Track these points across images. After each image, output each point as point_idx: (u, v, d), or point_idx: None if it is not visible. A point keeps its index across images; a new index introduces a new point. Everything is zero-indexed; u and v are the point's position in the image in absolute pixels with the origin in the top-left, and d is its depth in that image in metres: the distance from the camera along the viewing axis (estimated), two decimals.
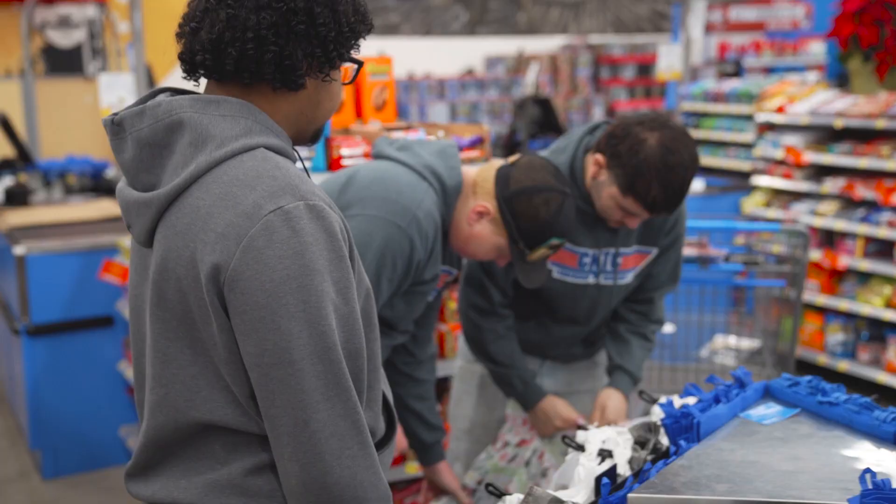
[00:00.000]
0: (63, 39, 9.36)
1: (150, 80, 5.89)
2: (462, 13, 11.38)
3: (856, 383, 5.19)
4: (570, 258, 2.47)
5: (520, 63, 10.68)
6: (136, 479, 1.47)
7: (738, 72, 11.15)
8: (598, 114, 10.90)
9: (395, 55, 11.31)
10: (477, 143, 3.08)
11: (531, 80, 6.86)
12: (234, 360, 1.35)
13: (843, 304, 5.16)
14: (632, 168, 2.23)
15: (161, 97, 1.42)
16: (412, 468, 3.10)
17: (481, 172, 2.22)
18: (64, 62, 9.32)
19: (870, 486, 1.44)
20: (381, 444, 1.54)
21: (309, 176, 1.52)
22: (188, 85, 1.48)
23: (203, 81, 1.46)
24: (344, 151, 2.87)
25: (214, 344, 1.35)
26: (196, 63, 1.40)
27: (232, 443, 1.40)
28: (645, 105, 11.12)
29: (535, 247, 2.16)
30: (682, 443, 1.74)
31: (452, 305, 3.18)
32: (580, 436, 1.94)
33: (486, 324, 2.53)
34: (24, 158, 6.04)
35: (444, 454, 2.57)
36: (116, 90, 4.97)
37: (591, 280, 2.50)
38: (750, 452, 1.70)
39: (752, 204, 5.64)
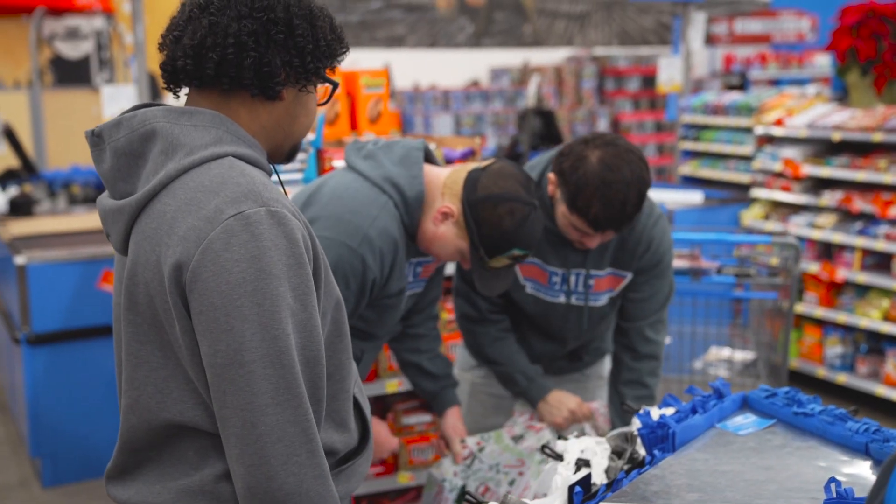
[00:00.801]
0: (71, 51, 9.45)
1: (154, 91, 5.96)
2: (468, 25, 11.44)
3: (854, 396, 5.20)
4: (541, 275, 2.50)
5: (524, 75, 10.73)
6: (115, 481, 1.50)
7: (743, 84, 11.19)
8: (602, 125, 10.92)
9: (400, 67, 11.39)
10: (468, 156, 3.12)
11: (532, 92, 6.90)
12: (198, 361, 1.38)
13: (842, 317, 5.16)
14: (573, 185, 2.25)
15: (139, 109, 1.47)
16: (404, 478, 3.13)
17: (452, 174, 2.22)
18: (72, 73, 9.41)
19: (834, 496, 1.47)
20: (356, 452, 1.56)
21: (283, 188, 1.56)
22: (180, 102, 1.53)
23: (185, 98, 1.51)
24: (336, 163, 2.91)
25: (180, 346, 1.38)
26: (177, 69, 1.45)
27: (204, 447, 1.43)
28: (649, 117, 11.15)
29: (496, 255, 2.16)
30: (657, 453, 1.77)
31: (445, 316, 3.21)
32: (559, 445, 1.96)
33: (478, 329, 2.57)
34: (28, 169, 6.09)
35: (453, 401, 2.57)
36: (119, 101, 5.03)
37: (562, 299, 2.52)
38: (723, 462, 1.73)
39: (750, 216, 5.66)
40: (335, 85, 1.56)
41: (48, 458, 4.31)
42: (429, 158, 2.31)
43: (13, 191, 5.74)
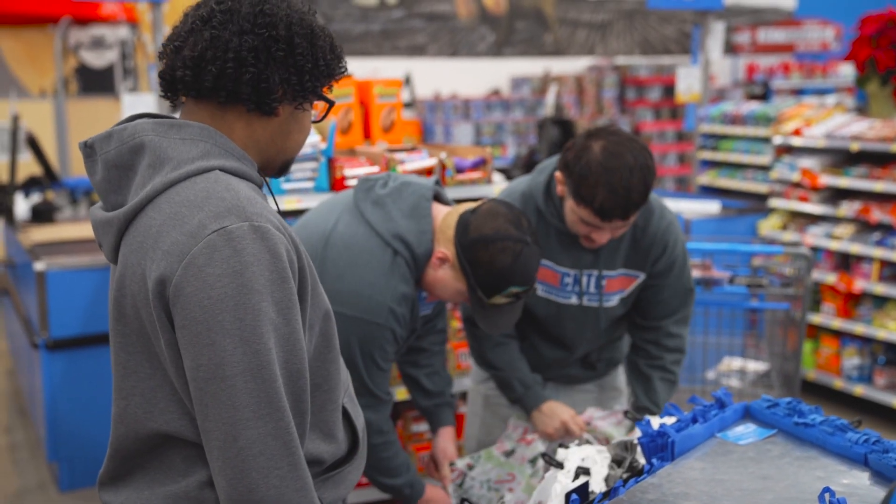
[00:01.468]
0: (96, 60, 9.57)
1: None
2: (489, 34, 11.47)
3: (872, 408, 5.16)
4: (553, 277, 2.51)
5: (545, 84, 10.74)
6: (107, 487, 1.52)
7: (765, 93, 11.14)
8: None
9: (421, 75, 11.45)
10: (480, 165, 3.14)
11: (551, 101, 6.91)
12: (182, 373, 1.39)
13: (859, 328, 5.13)
14: (577, 175, 2.27)
15: (129, 122, 1.48)
16: None
17: (446, 218, 2.24)
18: (97, 82, 9.53)
19: None
20: (345, 461, 1.58)
21: (275, 201, 1.59)
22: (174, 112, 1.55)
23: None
24: (347, 172, 2.94)
25: (165, 358, 1.40)
26: (176, 79, 1.46)
27: (191, 456, 1.44)
28: (671, 126, 11.13)
29: (494, 294, 2.19)
30: (655, 461, 1.77)
31: (455, 324, 3.23)
32: (560, 453, 1.97)
33: (481, 333, 2.58)
34: (50, 176, 6.17)
35: (445, 421, 2.60)
36: (139, 109, 5.09)
37: (574, 301, 2.52)
38: (721, 471, 1.73)
39: (768, 227, 5.64)
40: (331, 104, 1.58)
41: (65, 463, 4.36)
42: (439, 198, 2.34)
43: (35, 198, 5.82)
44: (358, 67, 10.46)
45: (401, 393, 3.07)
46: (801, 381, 5.35)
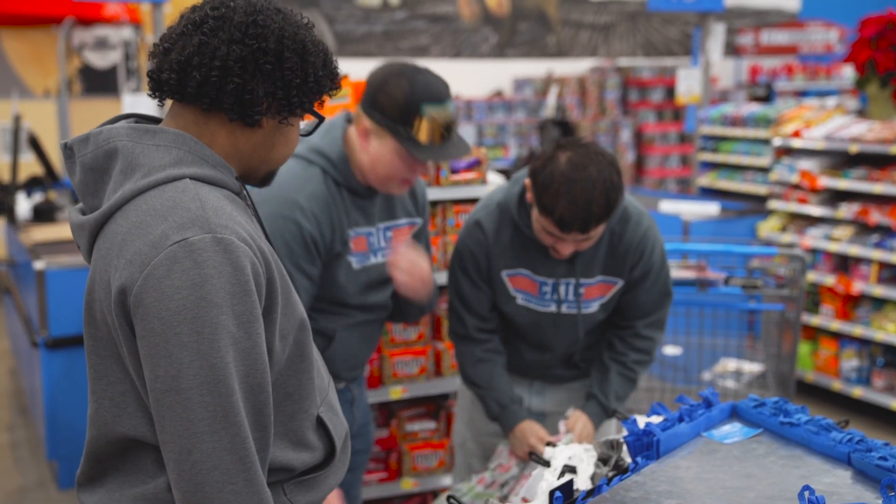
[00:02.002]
0: (100, 60, 9.61)
1: None
2: (491, 35, 11.49)
3: (870, 410, 5.17)
4: (532, 286, 2.53)
5: (548, 85, 10.75)
6: (84, 488, 1.53)
7: (769, 95, 11.14)
8: (625, 136, 10.92)
9: None
10: (474, 165, 3.15)
11: (551, 102, 6.93)
12: (144, 381, 1.39)
13: (858, 330, 5.13)
14: (540, 183, 2.29)
15: (107, 126, 1.48)
16: (407, 484, 3.16)
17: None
18: (100, 82, 9.57)
19: (807, 503, 1.48)
20: (320, 466, 1.58)
21: (254, 208, 1.57)
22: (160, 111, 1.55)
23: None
24: None
25: (129, 365, 1.40)
26: (161, 81, 1.46)
27: (160, 458, 1.44)
28: (673, 128, 11.13)
29: (416, 125, 2.20)
30: (640, 460, 1.79)
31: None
32: (548, 452, 1.99)
33: (462, 347, 2.61)
34: (52, 176, 6.20)
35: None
36: (139, 110, 5.11)
37: (553, 308, 2.54)
38: (705, 470, 1.74)
39: (767, 228, 5.64)
40: (321, 119, 1.56)
41: (64, 461, 4.39)
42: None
43: (37, 198, 5.85)
44: (361, 69, 10.46)
45: (394, 392, 3.08)
46: (796, 382, 5.37)
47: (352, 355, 2.46)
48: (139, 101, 5.04)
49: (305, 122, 1.61)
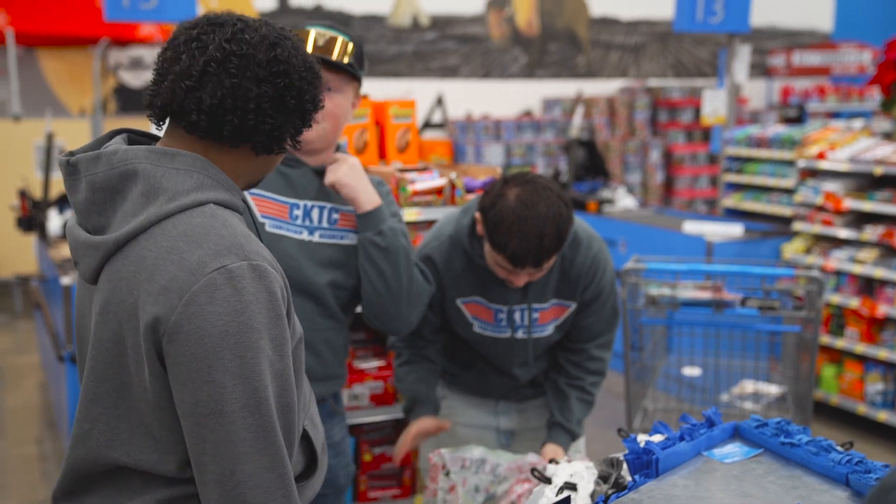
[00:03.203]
0: (135, 80, 9.79)
1: None
2: (521, 56, 11.54)
3: (895, 434, 5.11)
4: (487, 313, 2.57)
5: (576, 105, 10.78)
6: (60, 503, 1.54)
7: (800, 116, 11.08)
8: (654, 157, 10.91)
9: (453, 96, 11.49)
10: (490, 185, 3.18)
11: (577, 122, 6.95)
12: (163, 405, 1.41)
13: (883, 353, 5.08)
14: (491, 221, 2.32)
15: (116, 143, 1.48)
16: (420, 501, 3.18)
17: None
18: (135, 102, 9.75)
19: None
20: (302, 477, 1.61)
21: (256, 225, 1.60)
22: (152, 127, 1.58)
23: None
24: None
25: (144, 389, 1.41)
26: (188, 121, 1.44)
27: (151, 478, 1.47)
28: (702, 149, 11.10)
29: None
30: (638, 478, 1.80)
31: None
32: (549, 469, 2.00)
33: (400, 349, 2.69)
34: None
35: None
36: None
37: (507, 334, 2.58)
38: (703, 489, 1.75)
39: (791, 250, 5.62)
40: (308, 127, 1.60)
41: None
42: None
43: (68, 214, 5.97)
44: (391, 89, 10.59)
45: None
46: (817, 405, 5.33)
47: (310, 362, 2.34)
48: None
49: None
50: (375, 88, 10.12)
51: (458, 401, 2.77)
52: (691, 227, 5.80)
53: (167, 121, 1.50)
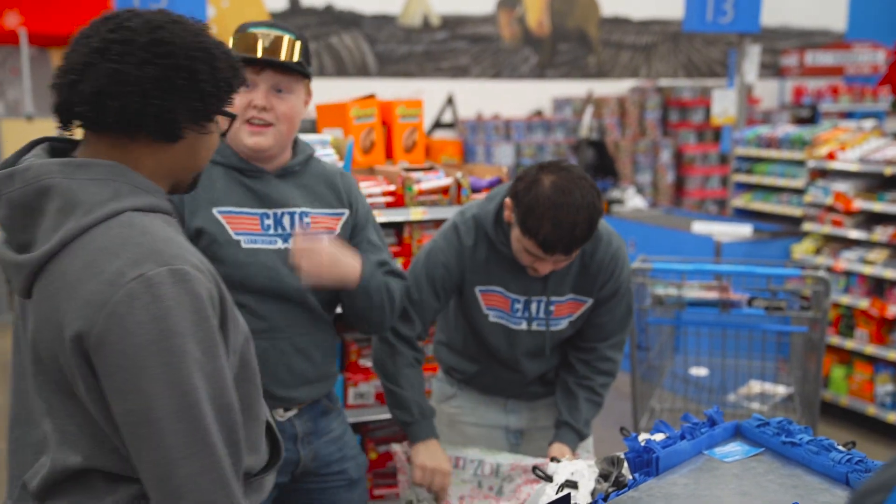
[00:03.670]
0: None
1: None
2: (532, 56, 11.54)
3: None
4: (504, 303, 2.55)
5: (586, 105, 10.77)
6: None
7: (813, 116, 11.04)
8: (665, 157, 10.89)
9: (464, 96, 11.48)
10: (496, 184, 3.19)
11: (586, 122, 6.95)
12: (106, 415, 1.41)
13: (893, 354, 5.07)
14: (525, 206, 2.31)
15: (33, 157, 1.46)
16: None
17: None
18: None
19: None
20: (265, 470, 1.61)
21: (184, 226, 1.58)
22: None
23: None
24: (364, 190, 3.01)
25: (87, 401, 1.41)
26: (74, 114, 1.43)
27: (113, 478, 1.47)
28: (713, 149, 11.07)
29: (233, 41, 2.14)
30: (638, 476, 1.80)
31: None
32: (551, 467, 2.01)
33: (401, 347, 2.57)
34: None
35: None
36: None
37: (523, 326, 2.57)
38: (702, 487, 1.76)
39: (801, 251, 5.60)
40: (233, 117, 1.58)
41: None
42: None
43: None
44: (402, 89, 10.61)
45: None
46: (825, 406, 5.31)
47: (283, 365, 2.28)
48: None
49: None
50: (385, 88, 10.16)
51: (468, 400, 2.77)
52: (700, 227, 5.79)
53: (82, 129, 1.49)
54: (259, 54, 2.13)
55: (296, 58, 2.18)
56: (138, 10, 1.49)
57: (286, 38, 2.16)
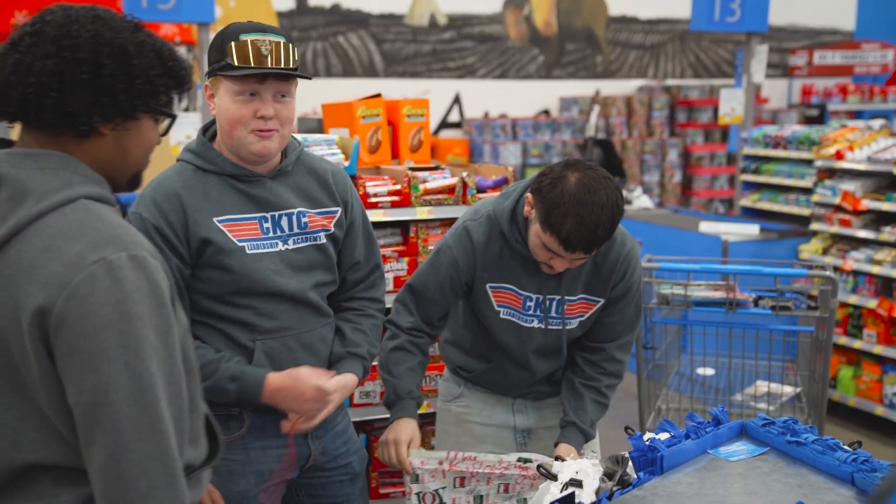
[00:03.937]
0: None
1: None
2: (539, 55, 11.53)
3: None
4: (516, 300, 2.54)
5: (592, 105, 10.76)
6: None
7: (822, 116, 11.01)
8: (672, 156, 10.87)
9: (471, 96, 11.50)
10: (502, 184, 3.19)
11: (593, 122, 6.95)
12: (58, 401, 1.40)
13: None
14: (549, 202, 2.30)
15: None
16: None
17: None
18: None
19: None
20: (204, 463, 1.61)
21: (125, 216, 1.56)
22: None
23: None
24: (369, 188, 3.02)
25: (37, 389, 1.41)
26: None
27: (61, 477, 1.46)
28: (721, 149, 11.05)
29: (226, 50, 2.14)
30: (643, 475, 1.80)
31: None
32: (555, 466, 2.01)
33: (395, 331, 2.59)
34: None
35: (351, 370, 2.44)
36: (185, 128, 5.26)
37: (536, 324, 2.56)
38: (707, 486, 1.76)
39: (809, 250, 5.58)
40: (173, 118, 1.58)
41: None
42: None
43: None
44: (409, 88, 10.62)
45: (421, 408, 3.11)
46: (833, 405, 5.30)
47: (291, 362, 2.29)
48: (184, 120, 5.17)
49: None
50: (393, 88, 10.16)
51: (475, 399, 2.76)
52: (707, 226, 5.78)
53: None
54: (270, 64, 2.15)
55: (295, 62, 2.22)
56: (73, 5, 1.49)
57: (283, 43, 2.18)
